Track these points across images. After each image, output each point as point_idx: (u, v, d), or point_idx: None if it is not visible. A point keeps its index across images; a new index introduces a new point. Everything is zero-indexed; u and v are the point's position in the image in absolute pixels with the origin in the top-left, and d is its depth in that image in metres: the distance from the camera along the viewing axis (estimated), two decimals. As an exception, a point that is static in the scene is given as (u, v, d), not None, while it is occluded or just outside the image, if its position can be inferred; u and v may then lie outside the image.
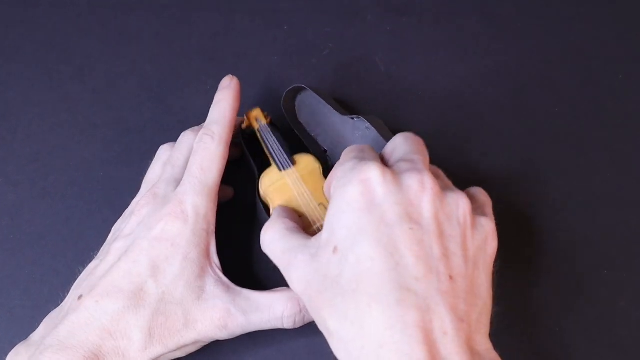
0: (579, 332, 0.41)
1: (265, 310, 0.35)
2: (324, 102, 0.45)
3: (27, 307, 0.40)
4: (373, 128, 0.43)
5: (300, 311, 0.36)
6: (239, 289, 0.36)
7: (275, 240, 0.34)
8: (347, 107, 0.49)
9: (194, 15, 0.54)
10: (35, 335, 0.35)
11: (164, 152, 0.41)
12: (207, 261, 0.35)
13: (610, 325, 0.41)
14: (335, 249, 0.29)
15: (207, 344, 0.36)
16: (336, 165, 0.33)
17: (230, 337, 0.36)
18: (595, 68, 0.52)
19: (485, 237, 0.31)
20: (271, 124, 0.42)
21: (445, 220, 0.29)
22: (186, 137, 0.40)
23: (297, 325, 0.36)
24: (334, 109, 0.45)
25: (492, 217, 0.33)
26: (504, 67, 0.52)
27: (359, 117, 0.44)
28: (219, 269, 0.36)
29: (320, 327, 0.30)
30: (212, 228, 0.36)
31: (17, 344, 0.35)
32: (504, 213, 0.44)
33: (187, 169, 0.37)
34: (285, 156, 0.40)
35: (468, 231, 0.30)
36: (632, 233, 0.44)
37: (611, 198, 0.46)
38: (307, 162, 0.40)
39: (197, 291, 0.34)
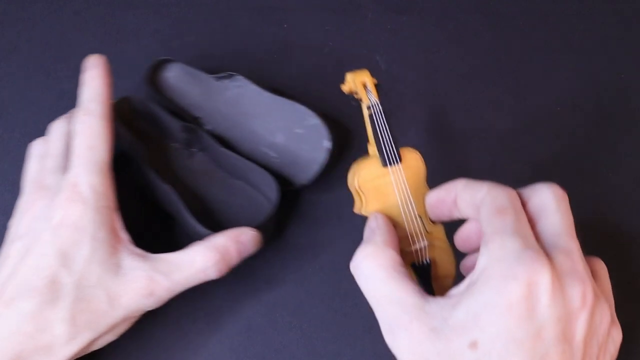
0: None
1: (187, 267, 0.35)
2: (193, 70, 0.46)
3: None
4: (248, 82, 0.45)
5: (223, 258, 0.35)
6: (155, 255, 0.35)
7: (379, 279, 0.30)
8: (346, 107, 0.49)
9: (192, 13, 0.53)
10: None
11: (36, 147, 0.39)
12: (117, 237, 0.34)
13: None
14: (474, 344, 0.26)
15: (138, 319, 0.36)
16: (491, 228, 0.28)
17: (159, 304, 0.35)
18: (597, 67, 0.51)
19: (613, 354, 0.30)
20: (383, 107, 0.33)
21: (591, 340, 0.27)
22: (57, 125, 0.39)
23: (223, 273, 0.36)
24: (205, 74, 0.46)
25: (616, 318, 0.31)
26: (505, 66, 0.51)
27: (227, 75, 0.45)
28: (131, 243, 0.35)
29: None
30: (114, 205, 0.35)
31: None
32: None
33: (72, 152, 0.35)
34: (396, 149, 0.33)
35: (602, 350, 0.28)
36: (635, 233, 0.44)
37: (613, 197, 0.45)
38: (412, 160, 0.33)
39: (114, 268, 0.33)
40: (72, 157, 0.35)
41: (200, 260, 0.35)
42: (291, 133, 0.44)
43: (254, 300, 0.41)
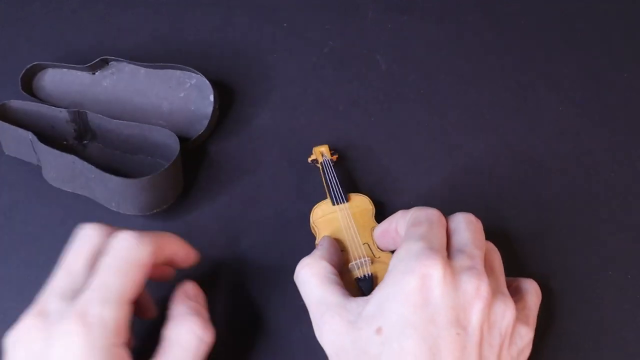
0: (584, 334, 0.40)
1: (190, 347, 0.31)
2: (66, 69, 0.47)
3: (22, 308, 0.39)
4: (122, 63, 0.46)
5: (205, 324, 0.33)
6: None
7: (312, 285, 0.35)
8: (347, 106, 0.49)
9: (192, 12, 0.53)
10: None
11: (85, 241, 0.33)
12: None
13: (615, 327, 0.40)
14: (379, 330, 0.30)
15: None
16: (405, 237, 0.34)
17: None
18: (600, 66, 0.51)
19: (521, 349, 0.33)
20: (334, 162, 0.44)
21: (489, 329, 0.31)
22: (89, 232, 0.33)
23: (211, 336, 0.33)
24: (78, 70, 0.47)
25: (534, 322, 0.35)
26: (507, 65, 0.51)
27: (99, 62, 0.46)
28: None
29: None
30: (125, 340, 0.30)
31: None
32: (507, 214, 0.44)
33: (94, 273, 0.30)
34: (341, 191, 0.42)
35: (506, 341, 0.32)
36: (637, 233, 0.44)
37: (615, 198, 0.45)
38: (360, 202, 0.42)
39: None
40: (90, 280, 0.30)
41: (191, 339, 0.32)
42: (175, 98, 0.46)
43: (253, 301, 0.41)
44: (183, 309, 0.33)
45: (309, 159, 0.45)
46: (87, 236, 0.33)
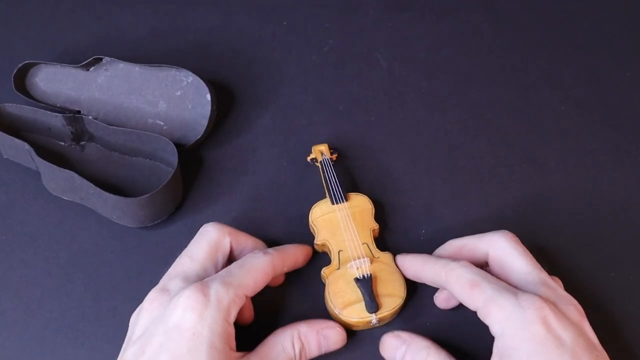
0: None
1: (280, 356, 0.34)
2: (59, 67, 0.47)
3: (19, 309, 0.40)
4: (117, 62, 0.46)
5: (303, 347, 0.35)
6: (251, 354, 0.34)
7: None
8: (347, 106, 0.48)
9: (191, 10, 0.53)
10: None
11: (205, 236, 0.37)
12: (230, 349, 0.32)
13: (618, 328, 0.40)
14: None
15: None
16: (483, 303, 0.33)
17: None
18: (602, 65, 0.51)
19: None
20: (334, 161, 0.44)
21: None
22: (209, 229, 0.37)
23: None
24: (72, 67, 0.47)
25: None
26: (508, 64, 0.51)
27: (93, 60, 0.46)
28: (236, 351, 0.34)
29: None
30: (232, 320, 0.33)
31: (8, 348, 0.34)
32: (507, 214, 0.44)
33: (226, 269, 0.35)
34: (341, 191, 0.41)
35: None
36: (637, 228, 0.43)
37: (618, 198, 0.45)
38: (359, 201, 0.42)
39: None
40: (219, 272, 0.34)
41: (289, 348, 0.35)
42: (171, 97, 0.46)
43: (253, 301, 0.41)
44: (302, 327, 0.36)
45: (308, 158, 0.44)
46: (207, 232, 0.37)
